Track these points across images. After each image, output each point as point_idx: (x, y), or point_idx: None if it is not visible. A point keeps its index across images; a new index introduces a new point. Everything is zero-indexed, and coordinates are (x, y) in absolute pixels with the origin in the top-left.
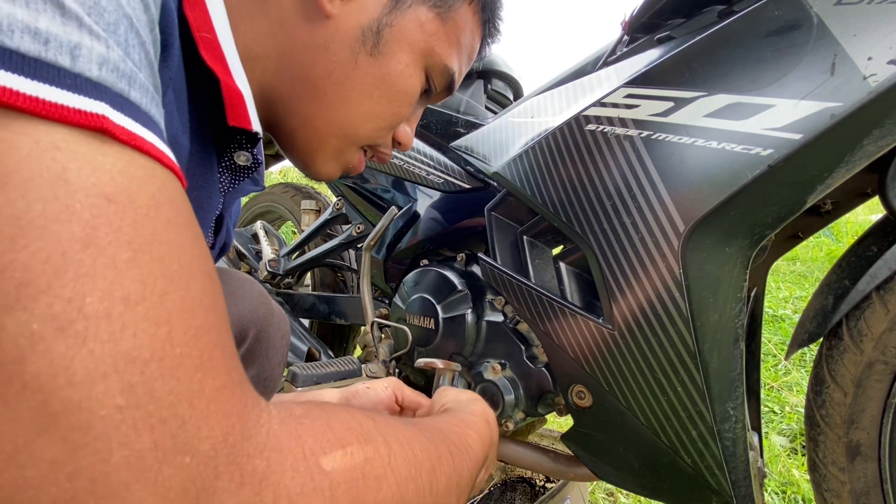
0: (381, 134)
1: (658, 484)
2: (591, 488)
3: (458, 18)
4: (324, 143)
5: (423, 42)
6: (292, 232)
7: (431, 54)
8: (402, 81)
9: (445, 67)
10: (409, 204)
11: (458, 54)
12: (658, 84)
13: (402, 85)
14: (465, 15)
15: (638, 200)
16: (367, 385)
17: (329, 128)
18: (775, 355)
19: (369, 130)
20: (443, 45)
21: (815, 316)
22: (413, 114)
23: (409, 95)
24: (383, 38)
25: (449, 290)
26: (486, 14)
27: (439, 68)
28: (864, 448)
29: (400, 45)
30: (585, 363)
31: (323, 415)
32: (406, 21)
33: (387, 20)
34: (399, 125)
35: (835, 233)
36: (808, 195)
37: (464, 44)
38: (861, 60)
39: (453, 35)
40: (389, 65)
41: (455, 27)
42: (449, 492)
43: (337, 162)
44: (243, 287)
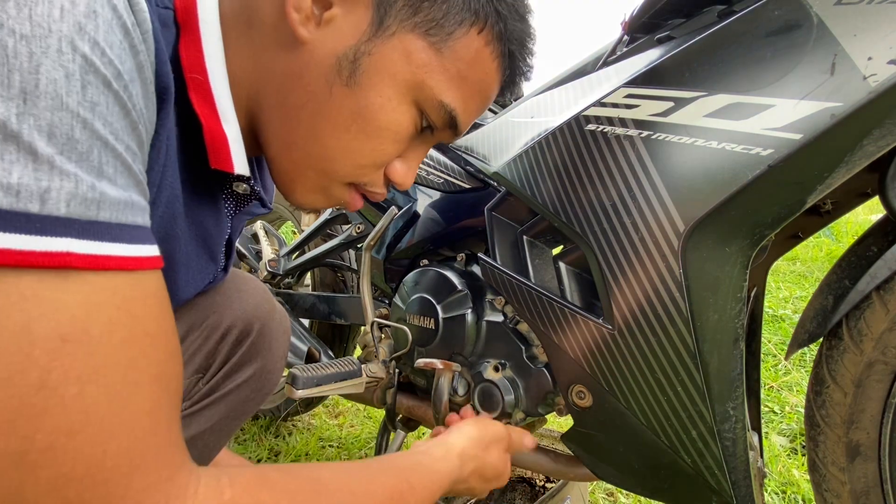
0: (364, 172)
1: (658, 484)
2: (591, 488)
3: (460, 49)
4: (301, 175)
5: (409, 74)
6: (292, 232)
7: (421, 88)
8: (384, 116)
9: (441, 104)
10: (409, 204)
11: (461, 89)
12: (658, 84)
13: (382, 120)
14: (469, 45)
15: (638, 200)
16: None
17: (306, 160)
18: (775, 355)
19: (348, 167)
20: (436, 78)
21: (815, 316)
22: (411, 151)
23: (394, 132)
24: (360, 68)
25: (449, 290)
26: (502, 45)
27: (432, 104)
28: (864, 448)
29: (380, 77)
30: (585, 363)
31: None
32: (388, 50)
33: (365, 48)
34: (389, 163)
35: (835, 233)
36: (808, 195)
37: (470, 78)
38: (861, 60)
39: (452, 67)
40: (368, 97)
41: (455, 58)
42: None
43: (322, 195)
44: (247, 285)
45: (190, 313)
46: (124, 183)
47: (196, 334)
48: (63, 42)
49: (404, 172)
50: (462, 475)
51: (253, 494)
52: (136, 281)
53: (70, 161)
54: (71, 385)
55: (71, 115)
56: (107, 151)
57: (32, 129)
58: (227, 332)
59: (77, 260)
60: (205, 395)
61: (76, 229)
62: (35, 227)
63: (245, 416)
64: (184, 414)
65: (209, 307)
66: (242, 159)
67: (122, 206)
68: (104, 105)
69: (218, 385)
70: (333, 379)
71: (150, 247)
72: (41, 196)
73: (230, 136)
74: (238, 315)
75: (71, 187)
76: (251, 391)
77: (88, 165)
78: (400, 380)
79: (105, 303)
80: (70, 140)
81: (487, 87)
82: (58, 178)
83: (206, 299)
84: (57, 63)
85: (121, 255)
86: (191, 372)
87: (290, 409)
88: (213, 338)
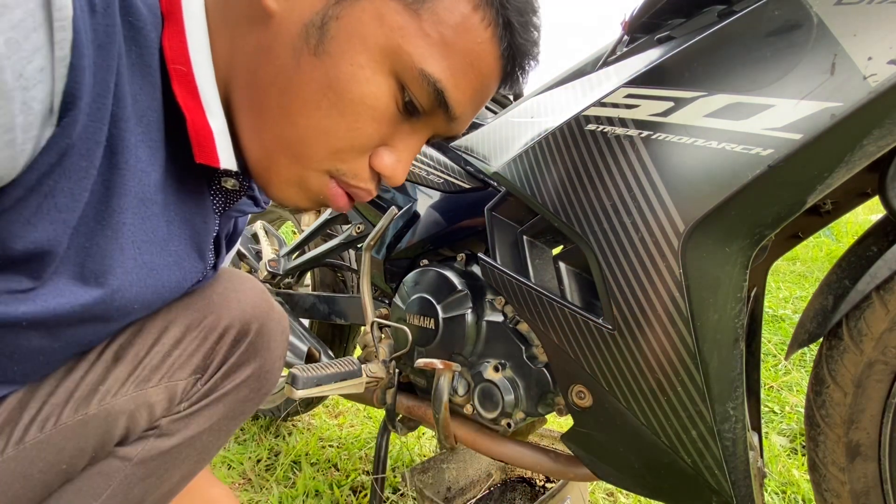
0: (340, 157)
1: (658, 484)
2: (591, 488)
3: (442, 11)
4: (274, 163)
5: (382, 38)
6: (292, 232)
7: (398, 54)
8: (356, 87)
9: (422, 74)
10: (409, 204)
11: (447, 59)
12: (658, 84)
13: (356, 92)
14: (453, 7)
15: (638, 200)
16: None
17: (277, 145)
18: (775, 355)
19: (322, 150)
20: (415, 42)
21: (815, 316)
22: (398, 138)
23: (370, 107)
24: (329, 34)
25: (449, 290)
26: (495, 12)
27: (412, 74)
28: (864, 448)
29: (351, 43)
30: (585, 363)
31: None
32: (358, 12)
33: (333, 11)
34: (372, 149)
35: (835, 233)
36: (808, 195)
37: (457, 46)
38: (861, 60)
39: (433, 32)
40: (338, 66)
41: (436, 21)
42: None
43: (299, 189)
44: (245, 284)
45: (187, 313)
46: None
47: (193, 335)
48: None
49: (392, 163)
50: None
51: None
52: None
53: None
54: None
55: None
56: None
57: None
58: (225, 333)
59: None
60: (203, 396)
61: None
62: None
63: (244, 416)
64: (182, 414)
65: (206, 307)
66: (229, 153)
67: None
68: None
69: (216, 385)
70: (333, 379)
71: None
72: None
73: (215, 130)
74: (236, 315)
75: None
76: (250, 391)
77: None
78: (400, 380)
79: None
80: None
81: (482, 61)
82: None
83: (203, 299)
84: None
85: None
86: (189, 372)
87: (290, 409)
88: (210, 338)
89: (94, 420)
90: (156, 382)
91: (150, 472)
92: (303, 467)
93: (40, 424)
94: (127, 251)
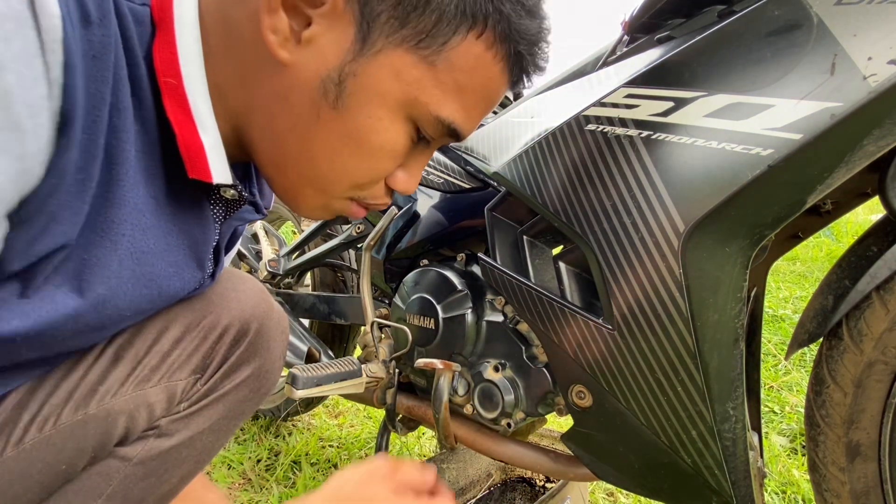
0: (362, 189)
1: (658, 484)
2: (591, 488)
3: (456, 58)
4: (300, 193)
5: (399, 93)
6: (292, 232)
7: (414, 105)
8: (376, 137)
9: (437, 119)
10: (409, 204)
11: (461, 100)
12: (658, 84)
13: (375, 141)
14: (468, 52)
15: (638, 200)
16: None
17: (301, 181)
18: (775, 355)
19: (346, 186)
20: (431, 93)
21: (815, 316)
22: (411, 161)
23: (389, 151)
24: (347, 90)
25: (449, 290)
26: (507, 46)
27: (428, 119)
28: (864, 448)
29: (369, 97)
30: (585, 363)
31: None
32: (375, 68)
33: (350, 69)
34: (388, 176)
35: (835, 233)
36: (808, 195)
37: (470, 87)
38: (861, 60)
39: (449, 79)
40: (357, 119)
41: (452, 69)
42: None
43: (324, 210)
44: (244, 284)
45: (186, 314)
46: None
47: (193, 335)
48: None
49: (406, 181)
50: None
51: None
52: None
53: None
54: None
55: None
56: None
57: None
58: (225, 332)
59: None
60: (203, 396)
61: None
62: None
63: (244, 416)
64: (182, 414)
65: (206, 307)
66: (223, 167)
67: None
68: None
69: (216, 385)
70: (333, 379)
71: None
72: None
73: (207, 145)
74: (235, 315)
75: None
76: (249, 391)
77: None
78: (400, 380)
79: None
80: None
81: (491, 93)
82: None
83: (202, 300)
84: None
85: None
86: (188, 372)
87: (290, 409)
88: (210, 338)
89: (94, 420)
90: (155, 382)
91: (150, 472)
92: (303, 467)
93: (40, 425)
94: (125, 262)
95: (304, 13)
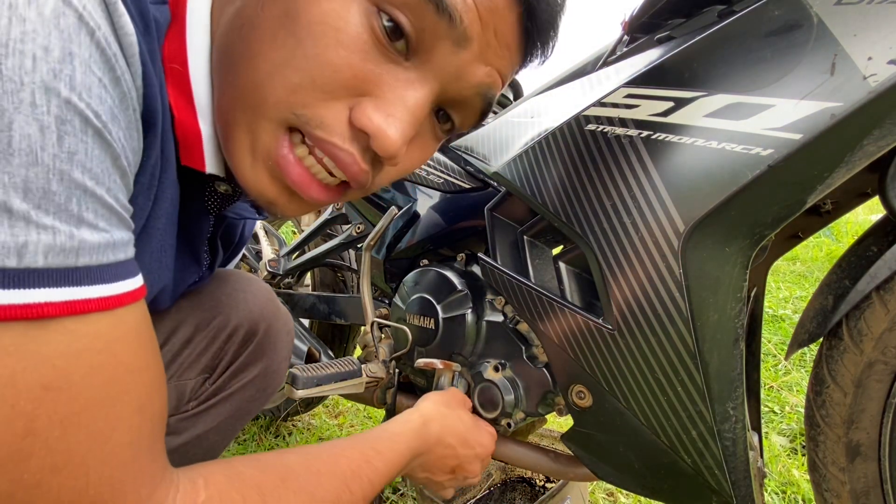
0: (301, 97)
1: (658, 484)
2: (591, 488)
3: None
4: (232, 124)
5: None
6: (292, 232)
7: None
8: (315, 6)
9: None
10: (409, 204)
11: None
12: (658, 84)
13: (314, 11)
14: None
15: (638, 200)
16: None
17: (234, 100)
18: (775, 355)
19: (278, 88)
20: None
21: (815, 316)
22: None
23: (334, 28)
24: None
25: (449, 290)
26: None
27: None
28: (864, 448)
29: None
30: (585, 363)
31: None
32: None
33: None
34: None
35: (835, 233)
36: (808, 195)
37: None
38: (861, 60)
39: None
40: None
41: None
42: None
43: (254, 152)
44: (252, 286)
45: (197, 314)
46: (106, 224)
47: (203, 334)
48: (36, 94)
49: (381, 118)
50: (430, 433)
51: (224, 494)
52: (118, 319)
53: (47, 214)
54: (55, 429)
55: (46, 169)
56: (86, 198)
57: (8, 187)
58: (234, 333)
59: (55, 308)
60: (211, 395)
61: (54, 278)
62: (13, 282)
63: (249, 415)
64: (190, 413)
65: (216, 308)
66: (216, 159)
67: (103, 248)
68: (83, 152)
69: (224, 385)
70: (333, 379)
71: (132, 280)
72: (18, 251)
73: (205, 133)
74: (244, 316)
75: (48, 239)
76: (256, 391)
77: (67, 215)
78: (400, 380)
79: (86, 349)
80: (46, 193)
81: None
82: (34, 231)
83: (212, 300)
84: (30, 117)
85: (101, 296)
86: (197, 371)
87: (290, 409)
88: (219, 338)
89: None
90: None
91: None
92: None
93: None
94: (154, 255)
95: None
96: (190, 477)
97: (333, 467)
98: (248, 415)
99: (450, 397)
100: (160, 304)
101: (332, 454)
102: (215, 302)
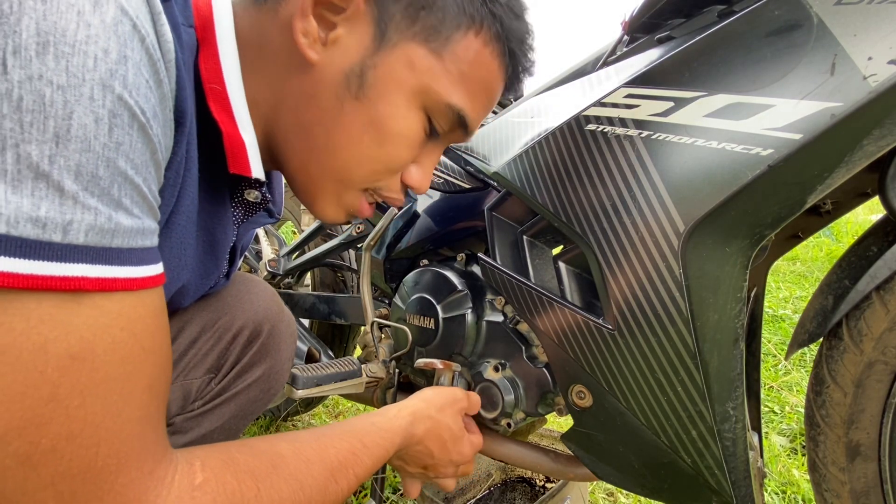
0: (379, 177)
1: (658, 484)
2: (591, 488)
3: (459, 51)
4: (319, 187)
5: (414, 80)
6: (292, 232)
7: (427, 92)
8: (395, 124)
9: (448, 106)
10: (409, 204)
11: (466, 89)
12: (658, 84)
13: (394, 127)
14: (468, 47)
15: (638, 200)
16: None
17: (323, 173)
18: (775, 355)
19: (364, 174)
20: (441, 81)
21: (815, 316)
22: (424, 156)
23: (406, 137)
24: (368, 81)
25: (449, 290)
26: (502, 45)
27: (439, 107)
28: (864, 448)
29: (387, 87)
30: (585, 363)
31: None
32: (392, 60)
33: (370, 62)
34: (404, 168)
35: (835, 233)
36: (808, 195)
37: (473, 78)
38: (861, 60)
39: (454, 69)
40: (377, 108)
41: (456, 60)
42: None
43: (339, 206)
44: (256, 287)
45: (203, 314)
46: (139, 211)
47: (209, 335)
48: (95, 89)
49: (420, 177)
50: (415, 433)
51: (220, 477)
52: (140, 301)
53: (92, 196)
54: (75, 397)
55: (96, 156)
56: (126, 185)
57: (62, 168)
58: (239, 333)
59: (89, 283)
60: (216, 395)
61: (91, 256)
62: (56, 255)
63: (252, 415)
64: (196, 412)
65: (221, 308)
66: (259, 165)
67: (134, 233)
68: (128, 143)
69: (229, 385)
70: (333, 379)
71: (155, 266)
72: (64, 227)
73: (248, 142)
74: (249, 316)
75: (90, 219)
76: (260, 391)
77: (108, 199)
78: (400, 380)
79: (111, 324)
80: (94, 177)
81: (491, 85)
82: (80, 211)
83: (217, 301)
84: (88, 109)
85: (127, 276)
86: (203, 371)
87: (290, 409)
88: (225, 338)
89: None
90: (171, 381)
91: None
92: None
93: None
94: (174, 251)
95: (330, 20)
96: (187, 459)
97: (322, 455)
98: (252, 415)
99: (445, 400)
100: (181, 302)
101: (321, 443)
102: (221, 303)
